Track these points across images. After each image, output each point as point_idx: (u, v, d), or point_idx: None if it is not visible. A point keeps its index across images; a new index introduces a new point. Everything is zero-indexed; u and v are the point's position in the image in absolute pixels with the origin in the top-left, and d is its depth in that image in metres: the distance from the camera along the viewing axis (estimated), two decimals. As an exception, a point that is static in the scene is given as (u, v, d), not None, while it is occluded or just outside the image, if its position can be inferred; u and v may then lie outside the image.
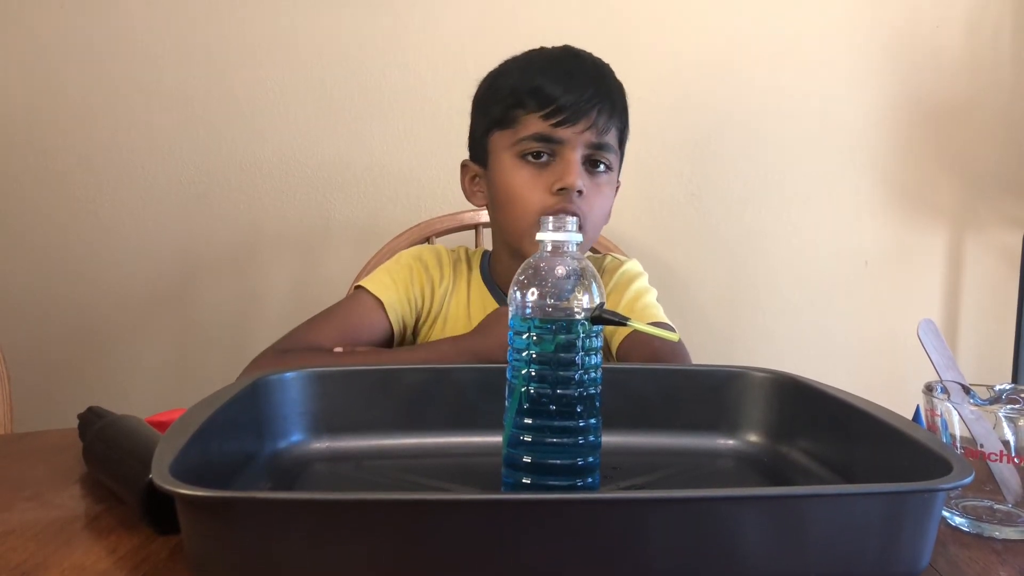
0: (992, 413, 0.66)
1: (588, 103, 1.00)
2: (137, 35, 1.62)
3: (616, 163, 1.07)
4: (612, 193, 1.07)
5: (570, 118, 0.99)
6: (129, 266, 1.66)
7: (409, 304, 1.12)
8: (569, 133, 1.00)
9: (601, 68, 1.06)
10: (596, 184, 1.03)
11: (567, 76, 1.01)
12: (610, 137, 1.03)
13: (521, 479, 0.62)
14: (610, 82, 1.05)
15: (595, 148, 1.02)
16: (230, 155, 1.64)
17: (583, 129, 1.00)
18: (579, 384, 0.62)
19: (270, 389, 0.76)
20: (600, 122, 1.01)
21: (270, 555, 0.49)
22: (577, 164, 1.00)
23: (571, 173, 0.98)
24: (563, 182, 0.99)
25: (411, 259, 1.15)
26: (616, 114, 1.04)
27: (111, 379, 1.68)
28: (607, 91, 1.03)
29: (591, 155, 1.02)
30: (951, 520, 0.67)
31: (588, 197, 1.01)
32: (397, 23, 1.62)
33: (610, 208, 1.08)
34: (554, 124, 1.00)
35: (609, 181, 1.05)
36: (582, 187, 0.99)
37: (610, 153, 1.04)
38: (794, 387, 0.78)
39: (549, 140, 1.00)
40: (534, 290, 0.62)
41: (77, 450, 0.76)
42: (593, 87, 1.01)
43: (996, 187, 1.68)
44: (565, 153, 1.00)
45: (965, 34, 1.66)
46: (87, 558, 0.58)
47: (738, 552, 0.51)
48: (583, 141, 1.00)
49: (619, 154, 1.08)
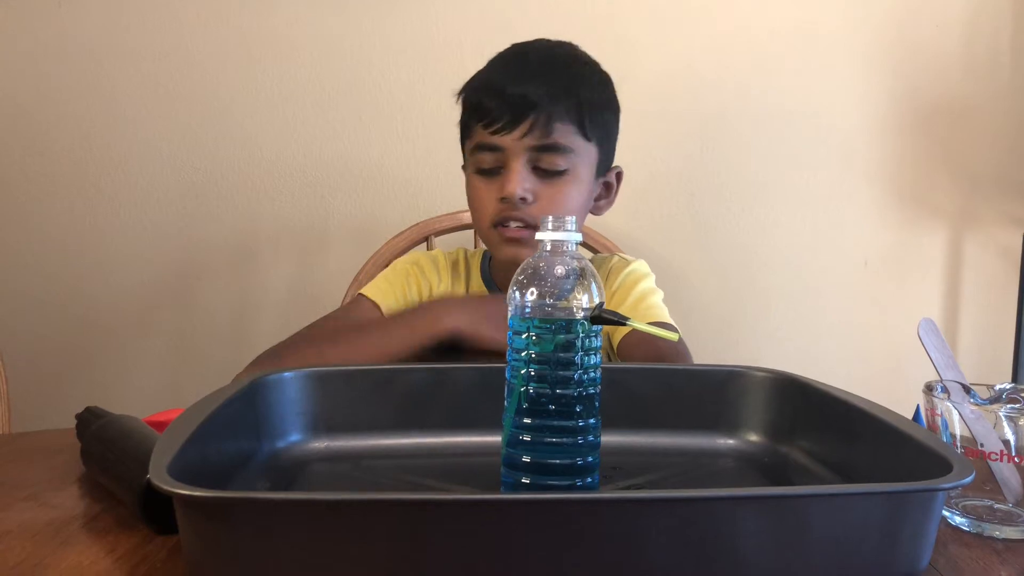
0: (992, 412, 0.66)
1: (524, 107, 0.97)
2: (134, 36, 1.62)
3: (581, 157, 1.02)
4: (575, 192, 1.02)
5: (506, 126, 0.98)
6: (127, 266, 1.66)
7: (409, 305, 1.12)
8: (508, 141, 0.99)
9: (548, 63, 1.02)
10: (550, 187, 1.00)
11: (505, 82, 1.00)
12: (560, 135, 0.99)
13: (520, 479, 0.62)
14: (556, 76, 1.00)
15: (540, 151, 0.99)
16: (228, 155, 1.64)
17: (521, 135, 0.98)
18: (578, 384, 0.61)
19: (268, 389, 0.75)
20: (540, 124, 0.98)
21: (268, 555, 0.49)
22: (517, 172, 0.99)
23: (509, 182, 0.98)
24: (503, 192, 0.99)
25: (407, 265, 1.16)
26: (565, 108, 0.99)
27: (109, 379, 1.68)
28: (550, 89, 0.99)
29: (536, 160, 1.00)
30: (951, 520, 0.67)
31: (540, 202, 1.00)
32: (395, 23, 1.62)
33: (579, 206, 1.04)
34: (493, 132, 0.99)
35: (570, 181, 1.01)
36: (524, 194, 0.98)
37: (559, 154, 1.00)
38: (794, 387, 0.78)
39: (493, 149, 1.00)
40: (533, 290, 0.62)
41: (75, 450, 0.76)
42: (529, 88, 0.98)
43: (995, 187, 1.68)
44: (508, 161, 1.00)
45: (964, 35, 1.66)
46: (85, 558, 0.58)
47: (739, 552, 0.51)
48: (524, 147, 0.99)
49: (591, 144, 1.03)
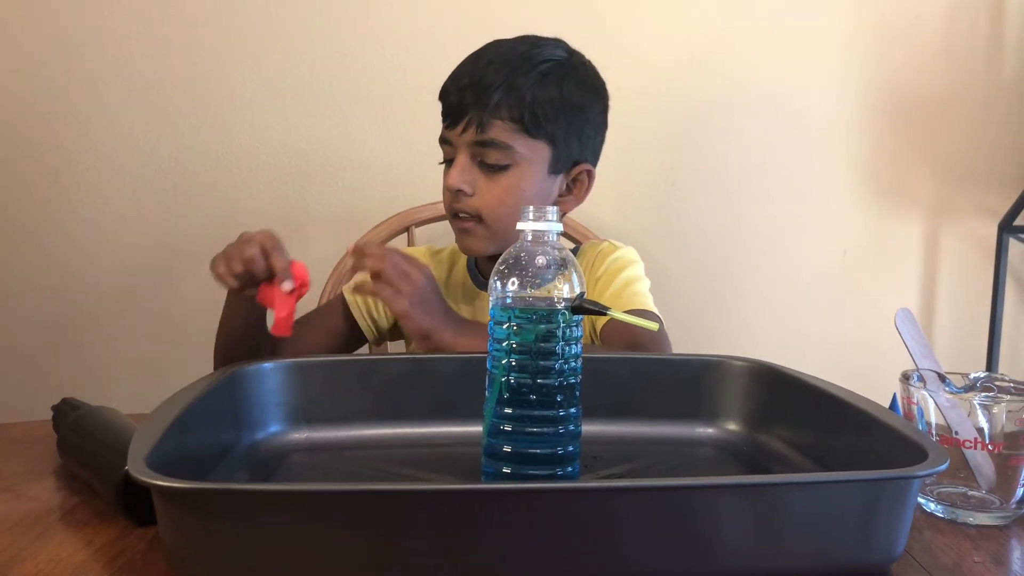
0: (967, 401, 0.67)
1: (465, 103, 1.00)
2: (112, 25, 1.60)
3: (528, 154, 1.01)
4: (521, 188, 1.02)
5: (452, 122, 1.02)
6: (104, 256, 1.64)
7: (379, 306, 1.12)
8: (454, 135, 1.02)
9: (499, 62, 1.01)
10: (490, 181, 1.01)
11: (455, 77, 1.03)
12: (497, 132, 1.00)
13: (501, 468, 0.62)
14: (502, 75, 1.00)
15: (479, 146, 1.01)
16: (206, 145, 1.63)
17: (462, 130, 1.01)
18: (559, 374, 0.62)
19: (247, 379, 0.75)
20: (477, 120, 0.99)
21: (248, 547, 0.48)
22: (459, 164, 1.02)
23: (449, 175, 1.02)
24: (445, 184, 1.03)
25: None
26: (507, 106, 0.99)
27: (86, 370, 1.66)
28: (489, 88, 0.99)
29: (479, 154, 1.01)
30: (926, 506, 0.68)
31: (480, 195, 1.01)
32: (376, 13, 1.61)
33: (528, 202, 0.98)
34: (444, 127, 1.04)
35: (513, 176, 1.01)
36: (461, 186, 1.01)
37: (496, 149, 1.00)
38: (772, 376, 0.79)
39: (446, 142, 1.04)
40: (514, 279, 0.62)
41: (51, 442, 0.75)
42: (471, 84, 1.00)
43: (971, 178, 1.70)
44: (455, 155, 1.03)
45: (942, 27, 1.67)
46: (63, 550, 0.57)
47: (717, 540, 0.51)
48: (464, 142, 1.01)
49: (541, 142, 1.02)
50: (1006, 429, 0.65)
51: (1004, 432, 0.66)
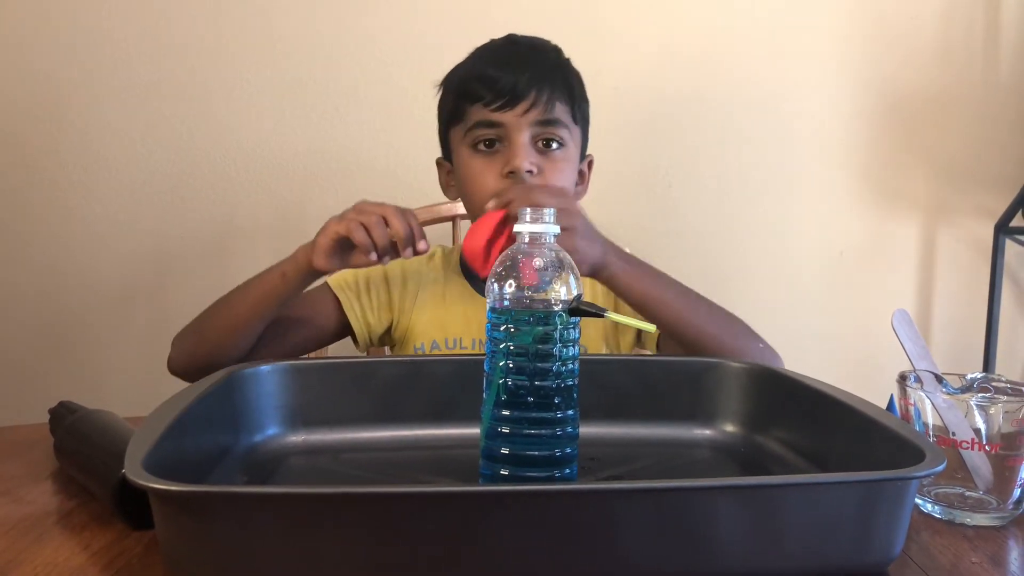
0: (964, 402, 0.67)
1: (525, 85, 1.00)
2: (109, 28, 1.60)
3: (572, 137, 1.05)
4: (570, 169, 1.06)
5: (509, 102, 1.01)
6: (102, 260, 1.64)
7: (373, 309, 1.12)
8: (511, 117, 1.01)
9: (539, 50, 1.06)
10: (551, 161, 1.03)
11: (502, 63, 1.03)
12: (558, 112, 1.03)
13: (499, 471, 0.62)
14: (548, 61, 1.05)
15: (543, 126, 1.02)
16: (203, 148, 1.62)
17: (524, 110, 1.01)
18: (557, 376, 0.62)
19: (245, 382, 0.75)
20: (542, 100, 1.01)
21: (246, 549, 0.48)
22: (524, 146, 1.01)
23: (517, 155, 1.00)
24: (511, 165, 1.00)
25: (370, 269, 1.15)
26: (561, 89, 1.03)
27: (83, 374, 1.66)
28: (544, 70, 1.03)
29: (540, 134, 1.02)
30: (924, 507, 0.68)
31: (545, 175, 1.01)
32: (372, 16, 1.61)
33: (572, 185, 1.07)
34: (494, 109, 1.01)
35: (565, 157, 1.04)
36: (531, 167, 1.00)
37: (560, 128, 1.03)
38: (770, 377, 0.79)
39: (494, 126, 1.02)
40: (512, 282, 0.62)
41: (49, 445, 0.75)
42: (529, 69, 1.01)
43: (968, 178, 1.70)
44: (512, 136, 1.01)
45: (939, 28, 1.67)
46: (60, 554, 0.57)
47: (715, 541, 0.51)
48: (527, 121, 1.01)
49: (577, 128, 1.07)
50: (1003, 430, 0.66)
51: (1001, 433, 0.66)
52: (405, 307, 1.12)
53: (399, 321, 1.13)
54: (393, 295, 1.12)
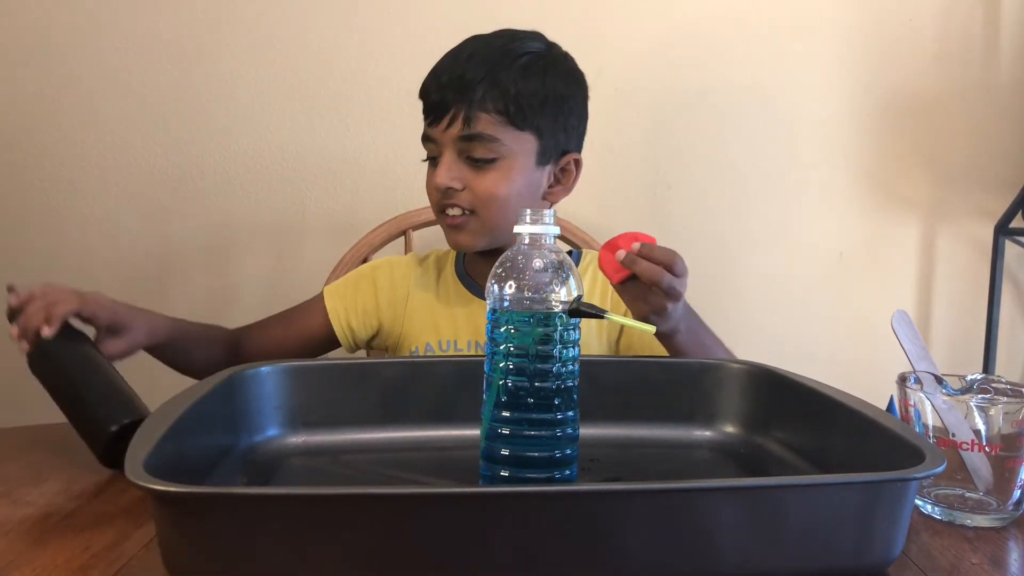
0: (964, 403, 0.67)
1: (445, 99, 1.00)
2: (106, 29, 1.60)
3: (513, 145, 1.01)
4: (507, 180, 1.01)
5: (434, 119, 1.01)
6: (102, 261, 1.64)
7: (357, 313, 1.13)
8: (438, 132, 1.01)
9: (479, 56, 1.02)
10: (479, 175, 1.01)
11: (435, 74, 1.03)
12: (482, 125, 0.99)
13: (499, 472, 0.62)
14: (485, 67, 1.00)
15: (465, 141, 1.00)
16: (203, 150, 1.62)
17: (446, 127, 1.00)
18: (557, 377, 0.62)
19: (245, 383, 0.75)
20: (462, 114, 0.99)
21: (246, 550, 0.48)
22: (445, 163, 1.01)
23: (437, 174, 1.01)
24: (432, 183, 1.02)
25: (363, 274, 1.16)
26: (492, 99, 0.99)
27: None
28: (472, 82, 0.99)
29: (464, 149, 1.01)
30: (924, 508, 0.68)
31: (471, 190, 1.01)
32: (372, 16, 1.61)
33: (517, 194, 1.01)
34: (428, 124, 1.03)
35: (502, 169, 1.01)
36: (451, 183, 1.00)
37: (485, 142, 0.99)
38: (770, 378, 0.79)
39: (430, 140, 1.03)
40: (512, 283, 0.62)
41: (48, 447, 0.75)
42: (453, 80, 1.00)
43: (967, 180, 1.70)
44: (441, 151, 1.02)
45: (937, 29, 1.67)
46: (60, 556, 0.57)
47: (715, 542, 0.51)
48: (450, 138, 1.00)
49: (527, 134, 1.01)
50: (1003, 431, 0.66)
51: (1001, 434, 0.66)
52: (396, 312, 1.12)
53: (391, 327, 1.12)
54: (381, 301, 1.12)
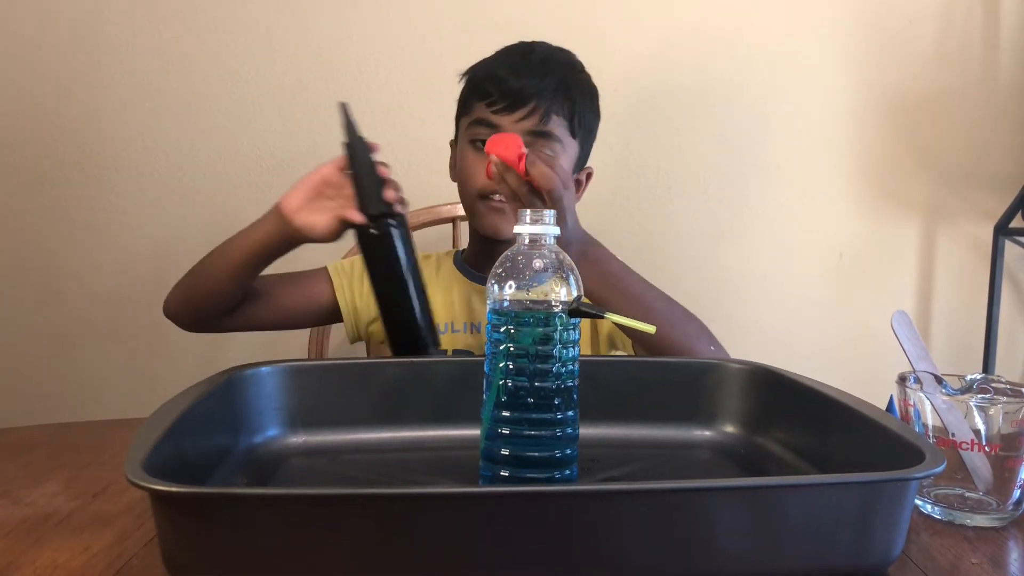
0: (963, 403, 0.67)
1: (527, 93, 1.03)
2: (109, 34, 1.60)
3: (564, 151, 1.07)
4: None
5: (509, 106, 1.04)
6: (102, 262, 1.64)
7: (362, 295, 1.14)
8: (507, 121, 1.04)
9: (552, 61, 1.08)
10: None
11: (513, 67, 1.06)
12: (553, 125, 1.05)
13: (499, 472, 0.62)
14: (558, 74, 1.06)
15: (533, 136, 1.04)
16: (203, 151, 1.62)
17: (520, 117, 1.04)
18: (557, 377, 0.62)
19: (245, 383, 0.75)
20: (540, 111, 1.04)
21: (246, 551, 0.48)
22: None
23: None
24: None
25: None
26: (562, 104, 1.05)
27: (83, 375, 1.66)
28: (551, 82, 1.05)
29: (530, 143, 1.03)
30: (924, 508, 0.68)
31: None
32: (371, 19, 1.61)
33: None
34: (495, 111, 1.05)
35: None
36: None
37: (551, 142, 1.05)
38: (770, 378, 0.79)
39: (490, 126, 1.05)
40: (511, 283, 0.62)
41: (48, 447, 0.75)
42: (535, 78, 1.04)
43: (967, 180, 1.70)
44: None
45: (937, 29, 1.67)
46: (60, 556, 0.57)
47: (716, 542, 0.51)
48: (520, 129, 1.04)
49: (574, 142, 1.08)
50: (1003, 431, 0.66)
51: (1001, 434, 0.66)
52: None
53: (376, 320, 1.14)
54: None
